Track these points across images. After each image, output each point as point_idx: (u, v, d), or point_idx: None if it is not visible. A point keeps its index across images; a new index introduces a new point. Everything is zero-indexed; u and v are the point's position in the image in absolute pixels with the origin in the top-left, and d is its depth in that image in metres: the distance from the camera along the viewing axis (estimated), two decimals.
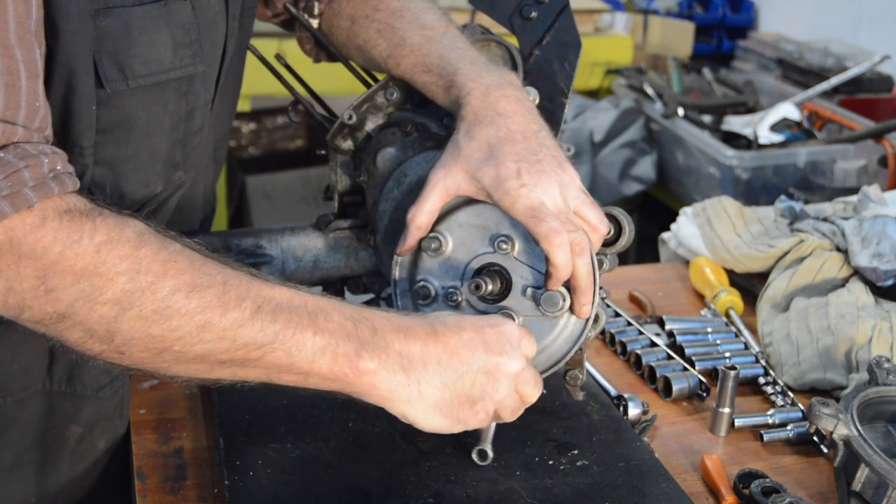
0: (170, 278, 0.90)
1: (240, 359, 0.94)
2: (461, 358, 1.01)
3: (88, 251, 0.87)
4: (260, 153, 4.22)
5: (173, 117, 1.09)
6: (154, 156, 1.09)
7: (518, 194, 1.05)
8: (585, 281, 1.08)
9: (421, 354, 0.99)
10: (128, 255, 0.89)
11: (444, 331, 1.02)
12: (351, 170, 1.28)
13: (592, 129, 3.51)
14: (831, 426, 1.19)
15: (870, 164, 3.05)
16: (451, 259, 1.15)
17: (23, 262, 0.87)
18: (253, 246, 1.29)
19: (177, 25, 1.04)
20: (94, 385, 1.20)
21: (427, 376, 0.99)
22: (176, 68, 1.06)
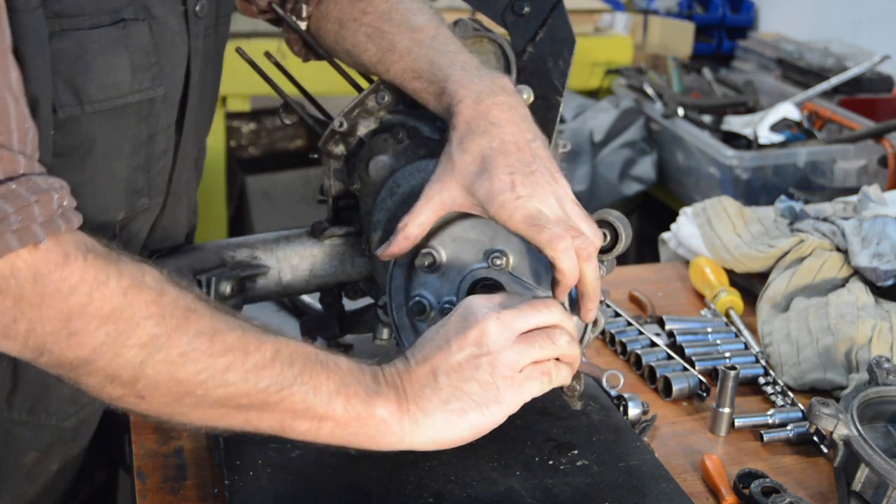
0: (193, 322, 0.90)
1: (259, 403, 0.94)
2: (435, 360, 1.01)
3: (116, 294, 0.86)
4: (260, 153, 4.22)
5: (133, 142, 1.07)
6: (113, 181, 1.07)
7: (515, 206, 1.04)
8: (593, 287, 1.07)
9: (408, 381, 1.00)
10: (153, 301, 0.88)
11: (414, 352, 1.03)
12: (344, 176, 1.28)
13: (592, 129, 3.51)
14: (831, 426, 1.20)
15: (870, 164, 3.05)
16: (445, 274, 1.15)
17: (46, 303, 0.84)
18: (249, 257, 1.28)
19: (135, 48, 1.02)
20: (60, 415, 1.18)
21: (417, 394, 1.00)
22: (135, 92, 1.03)
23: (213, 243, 1.29)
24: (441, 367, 1.00)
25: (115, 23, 0.99)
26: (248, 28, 3.26)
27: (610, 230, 1.14)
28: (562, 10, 1.20)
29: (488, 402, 1.01)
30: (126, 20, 1.00)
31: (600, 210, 1.15)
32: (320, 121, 1.31)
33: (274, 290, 1.31)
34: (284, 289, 1.31)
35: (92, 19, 0.97)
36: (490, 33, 1.24)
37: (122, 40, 0.99)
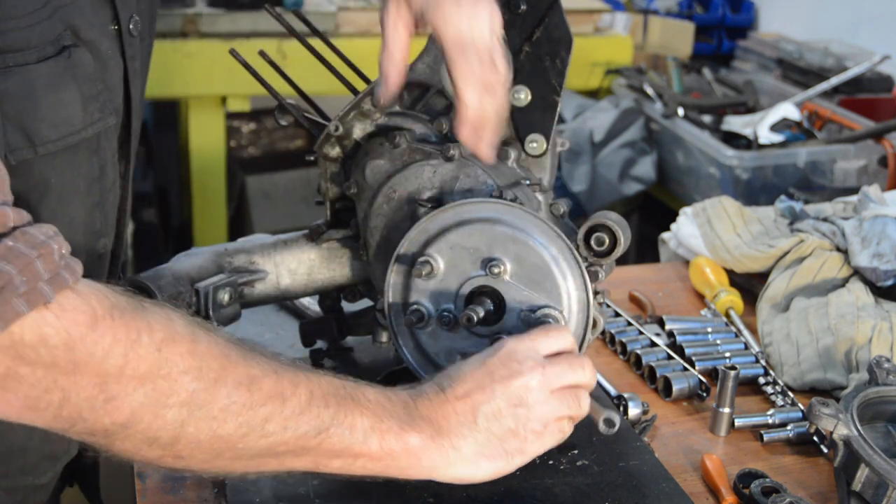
0: (230, 371, 0.84)
1: (298, 448, 0.91)
2: (475, 399, 0.99)
3: (150, 351, 0.80)
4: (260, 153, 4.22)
5: (87, 179, 1.00)
6: (71, 226, 1.00)
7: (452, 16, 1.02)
8: (491, 121, 1.07)
9: (444, 413, 0.98)
10: (188, 352, 0.82)
11: (451, 382, 1.00)
12: (341, 179, 1.28)
13: (592, 129, 3.51)
14: (831, 426, 1.19)
15: (870, 164, 3.05)
16: (443, 282, 1.15)
17: (80, 370, 0.77)
18: (246, 262, 1.28)
19: (83, 77, 0.95)
20: (37, 473, 1.13)
21: (455, 430, 0.98)
22: (87, 126, 0.97)
23: (210, 249, 1.29)
24: (482, 408, 0.99)
25: (59, 53, 0.92)
26: (247, 28, 3.27)
27: (608, 234, 1.14)
28: (558, 9, 1.20)
29: (514, 452, 1.01)
30: (69, 48, 0.93)
31: (598, 213, 1.15)
32: (316, 122, 1.30)
33: (272, 294, 1.31)
34: (283, 293, 1.31)
35: (38, 52, 0.90)
36: None
37: (69, 70, 0.93)
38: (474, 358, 1.03)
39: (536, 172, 1.25)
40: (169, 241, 4.06)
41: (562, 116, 3.63)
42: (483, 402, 0.99)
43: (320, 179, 1.29)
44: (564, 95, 1.25)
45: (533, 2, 1.20)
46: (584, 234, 1.14)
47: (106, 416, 0.80)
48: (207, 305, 1.20)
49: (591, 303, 1.12)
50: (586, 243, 1.14)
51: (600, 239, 1.14)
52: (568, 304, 1.13)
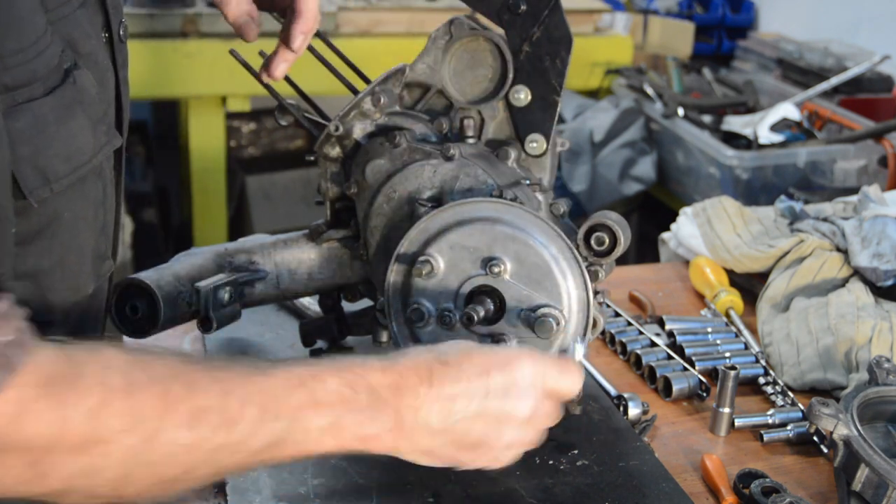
0: (171, 414, 0.80)
1: (251, 462, 0.89)
2: (456, 406, 0.94)
3: (82, 421, 0.75)
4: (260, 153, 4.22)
5: (94, 205, 0.96)
6: (82, 255, 0.96)
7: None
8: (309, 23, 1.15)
9: (413, 405, 0.93)
10: (124, 411, 0.77)
11: (443, 376, 0.94)
12: (341, 179, 1.28)
13: (592, 129, 3.51)
14: (831, 426, 1.20)
15: (870, 164, 3.05)
16: (443, 281, 1.15)
17: (8, 458, 0.74)
18: (246, 262, 1.28)
19: (89, 101, 0.91)
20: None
21: (417, 426, 0.94)
22: (97, 153, 0.93)
23: (211, 249, 1.29)
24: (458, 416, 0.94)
25: (64, 80, 0.88)
26: None
27: (608, 233, 1.14)
28: (558, 9, 1.20)
29: (465, 461, 0.98)
30: (70, 71, 0.89)
31: (598, 213, 1.16)
32: (316, 122, 1.30)
33: (272, 294, 1.31)
34: (283, 293, 1.31)
35: (44, 83, 0.86)
36: (487, 32, 1.24)
37: (76, 98, 0.89)
38: (480, 357, 0.97)
39: (536, 172, 1.26)
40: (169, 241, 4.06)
41: (562, 116, 3.63)
42: (462, 412, 0.95)
43: (320, 179, 1.29)
44: (564, 95, 1.25)
45: (533, 2, 1.20)
46: (584, 233, 1.15)
47: (39, 488, 0.77)
48: (207, 305, 1.20)
49: (591, 302, 1.12)
50: (586, 243, 1.14)
51: (600, 239, 1.14)
52: (568, 304, 1.13)
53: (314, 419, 0.88)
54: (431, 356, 0.96)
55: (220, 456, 0.84)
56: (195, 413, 0.81)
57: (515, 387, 0.96)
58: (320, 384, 0.89)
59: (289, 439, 0.87)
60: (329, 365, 0.92)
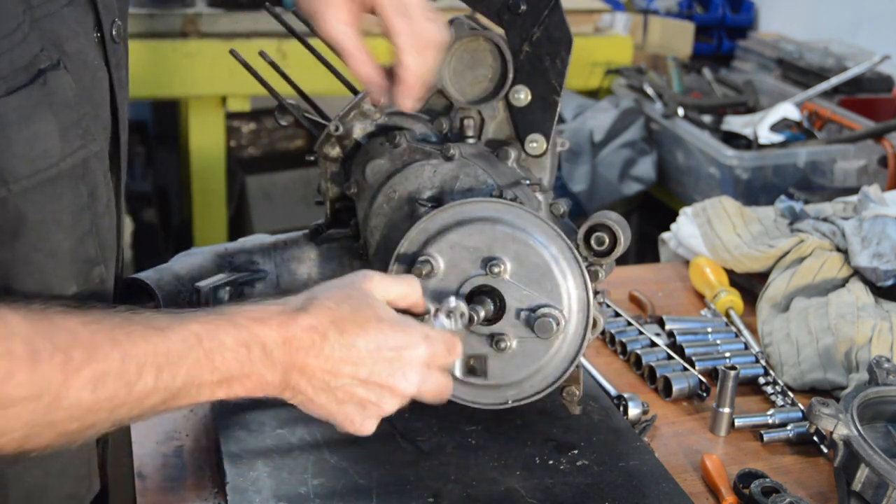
0: (72, 381, 0.84)
1: (150, 413, 0.93)
2: (341, 372, 0.98)
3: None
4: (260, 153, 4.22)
5: (73, 209, 0.96)
6: (55, 257, 0.96)
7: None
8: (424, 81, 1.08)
9: (301, 366, 0.97)
10: (26, 381, 0.81)
11: (334, 343, 0.97)
12: (341, 179, 1.28)
13: (592, 129, 3.51)
14: (831, 426, 1.19)
15: (870, 164, 3.05)
16: (443, 281, 1.15)
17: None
18: (246, 262, 1.28)
19: (61, 105, 0.90)
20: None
21: (301, 383, 0.98)
22: (66, 157, 0.92)
23: (211, 249, 1.29)
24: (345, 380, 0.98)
25: (33, 80, 0.87)
26: (247, 28, 3.27)
27: (608, 233, 1.14)
28: (558, 9, 1.20)
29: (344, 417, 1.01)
30: (44, 71, 0.88)
31: (598, 213, 1.16)
32: (316, 122, 1.30)
33: (272, 294, 1.31)
34: (283, 293, 1.31)
35: (7, 83, 0.85)
36: (487, 31, 1.24)
37: (44, 99, 0.88)
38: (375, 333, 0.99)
39: (536, 172, 1.26)
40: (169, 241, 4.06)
41: (562, 116, 3.62)
42: (345, 379, 0.98)
43: (320, 179, 1.29)
44: (564, 95, 1.25)
45: (533, 2, 1.20)
46: (584, 233, 1.15)
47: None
48: (208, 305, 1.20)
49: (591, 302, 1.12)
50: (586, 243, 1.14)
51: (600, 238, 1.14)
52: (568, 304, 1.13)
53: (207, 377, 0.93)
54: (329, 319, 0.97)
55: (120, 412, 0.89)
56: (96, 378, 0.85)
57: (402, 367, 1.00)
58: (216, 343, 0.93)
59: (184, 394, 0.92)
60: (226, 320, 0.94)
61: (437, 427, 1.25)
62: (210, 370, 0.93)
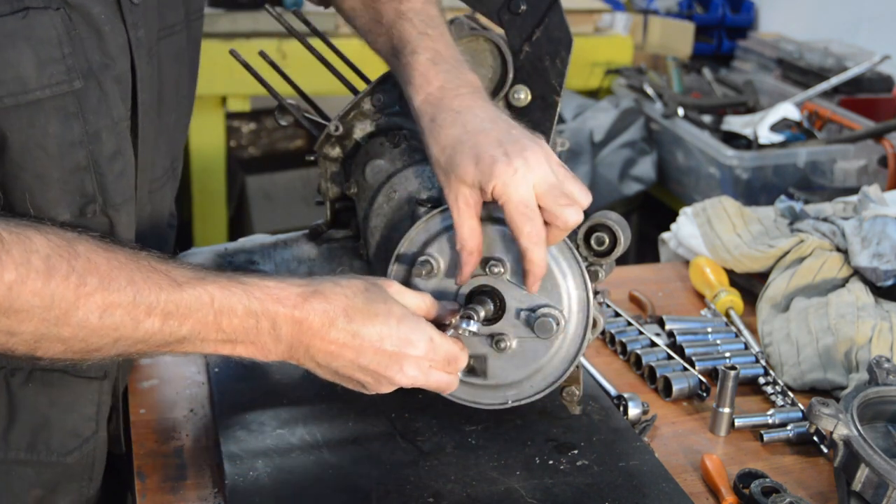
0: (82, 303, 0.92)
1: (151, 353, 1.02)
2: (342, 355, 1.04)
3: (2, 292, 0.89)
4: (260, 153, 4.22)
5: (61, 141, 1.01)
6: (42, 181, 1.02)
7: (512, 181, 1.05)
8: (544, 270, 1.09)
9: (306, 344, 1.03)
10: (40, 290, 0.90)
11: (341, 329, 1.03)
12: (341, 179, 1.28)
13: (592, 129, 3.51)
14: (831, 426, 1.19)
15: (870, 164, 3.05)
16: (443, 281, 1.15)
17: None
18: (246, 262, 1.29)
19: (41, 41, 0.96)
20: (61, 450, 1.17)
21: (304, 358, 1.04)
22: (44, 87, 0.97)
23: (211, 249, 1.29)
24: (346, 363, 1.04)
25: (14, 12, 0.93)
26: (247, 28, 3.27)
27: (608, 234, 1.14)
28: (558, 10, 1.20)
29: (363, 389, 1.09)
30: (30, 9, 0.94)
31: (598, 213, 1.15)
32: (316, 122, 1.30)
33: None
34: None
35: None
36: (487, 32, 1.24)
37: (21, 32, 0.94)
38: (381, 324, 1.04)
39: None
40: None
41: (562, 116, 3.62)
42: (344, 362, 1.04)
43: (320, 179, 1.29)
44: (564, 95, 1.25)
45: (533, 2, 1.20)
46: (584, 233, 1.15)
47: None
48: None
49: (591, 302, 1.12)
50: (586, 243, 1.14)
51: (600, 239, 1.14)
52: (568, 304, 1.13)
53: (213, 334, 1.00)
54: (342, 306, 1.03)
55: (124, 344, 0.97)
56: (105, 306, 0.93)
57: (399, 363, 1.05)
58: (227, 309, 1.00)
59: (188, 343, 1.00)
60: (243, 290, 1.01)
61: (437, 427, 1.25)
62: (216, 330, 1.00)
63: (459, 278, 1.12)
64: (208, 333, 0.99)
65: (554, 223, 1.06)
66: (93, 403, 1.18)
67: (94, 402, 1.18)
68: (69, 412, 1.16)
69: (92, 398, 1.18)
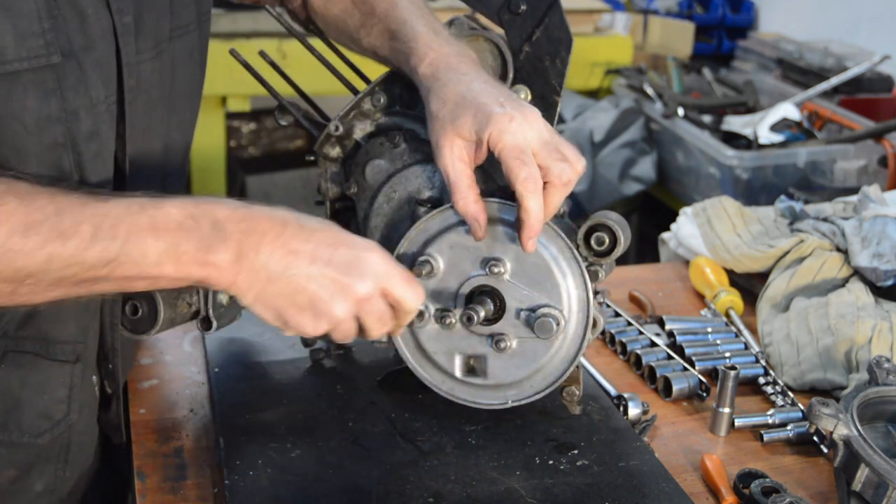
0: (3, 223, 0.91)
1: (91, 278, 0.96)
2: (296, 260, 1.00)
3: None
4: (260, 153, 4.22)
5: (38, 115, 1.01)
6: (20, 155, 1.02)
7: (508, 129, 1.05)
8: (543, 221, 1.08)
9: (255, 246, 0.98)
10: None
11: (294, 233, 1.00)
12: (341, 179, 1.28)
13: (592, 129, 3.51)
14: (831, 426, 1.19)
15: (870, 164, 3.05)
16: (443, 281, 1.15)
17: None
18: None
19: (20, 14, 0.96)
20: (33, 431, 1.16)
21: (256, 266, 0.99)
22: (22, 59, 0.97)
23: None
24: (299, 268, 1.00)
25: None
26: (248, 28, 3.27)
27: (608, 233, 1.14)
28: (558, 10, 1.20)
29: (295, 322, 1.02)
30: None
31: (598, 212, 1.15)
32: (316, 122, 1.30)
33: None
34: None
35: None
36: (487, 32, 1.24)
37: (1, 3, 0.95)
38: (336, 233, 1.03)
39: None
40: None
41: (562, 116, 3.62)
42: (300, 269, 0.99)
43: (320, 179, 1.29)
44: (564, 95, 1.25)
45: (533, 2, 1.20)
46: (584, 233, 1.15)
47: None
48: (207, 305, 1.20)
49: (591, 302, 1.12)
50: (586, 243, 1.14)
51: (600, 238, 1.14)
52: (568, 304, 1.13)
53: (151, 242, 0.95)
54: (292, 215, 1.01)
55: (56, 266, 0.93)
56: (28, 224, 0.91)
57: (357, 267, 1.01)
58: (161, 212, 0.96)
59: (125, 259, 0.95)
60: (174, 198, 0.98)
61: (437, 427, 1.25)
62: (153, 235, 0.95)
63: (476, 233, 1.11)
64: (146, 240, 0.95)
65: (549, 178, 1.06)
66: (64, 386, 1.17)
67: (66, 385, 1.17)
68: (40, 394, 1.16)
69: (63, 381, 1.17)
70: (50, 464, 1.20)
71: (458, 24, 1.25)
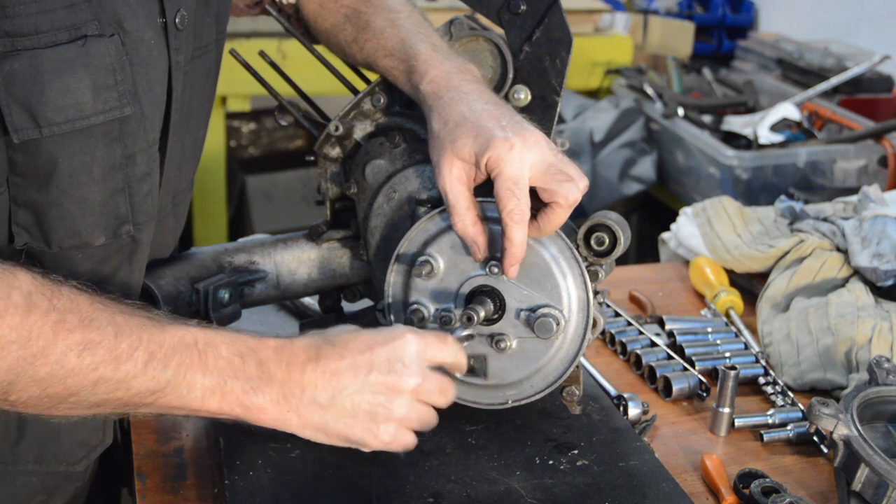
0: (61, 340, 0.90)
1: (134, 404, 0.96)
2: (341, 381, 1.00)
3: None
4: (260, 153, 4.22)
5: (104, 165, 1.02)
6: (83, 206, 1.02)
7: (506, 157, 1.05)
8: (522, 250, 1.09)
9: (299, 381, 1.00)
10: (17, 325, 0.88)
11: (329, 354, 1.01)
12: (341, 179, 1.28)
13: (592, 129, 3.51)
14: (831, 426, 1.20)
15: (870, 164, 3.05)
16: (443, 281, 1.15)
17: None
18: (246, 262, 1.29)
19: (98, 67, 0.97)
20: (70, 459, 1.17)
21: (304, 402, 1.00)
22: (98, 113, 0.98)
23: (211, 249, 1.29)
24: (345, 391, 1.00)
25: (73, 40, 0.94)
26: (248, 28, 3.27)
27: (608, 233, 1.14)
28: (558, 10, 1.20)
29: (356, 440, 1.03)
30: (88, 37, 0.95)
31: (598, 213, 1.15)
32: (316, 122, 1.30)
33: (272, 294, 1.31)
34: (283, 293, 1.31)
35: (47, 37, 0.93)
36: (487, 32, 1.24)
37: (80, 59, 0.95)
38: (368, 336, 1.03)
39: None
40: None
41: (562, 116, 3.62)
42: (348, 387, 1.00)
43: (320, 179, 1.29)
44: (564, 95, 1.25)
45: (533, 2, 1.20)
46: (584, 233, 1.15)
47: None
48: (207, 305, 1.20)
49: (591, 302, 1.12)
50: (586, 243, 1.14)
51: (600, 238, 1.14)
52: (568, 304, 1.13)
53: (199, 377, 0.96)
54: (321, 338, 1.03)
55: (103, 388, 0.93)
56: (85, 344, 0.91)
57: (399, 360, 1.02)
58: (212, 348, 0.97)
59: (171, 391, 0.96)
60: (225, 333, 0.99)
61: (437, 427, 1.25)
62: (202, 371, 0.97)
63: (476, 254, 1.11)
64: (194, 375, 0.96)
65: (555, 200, 1.07)
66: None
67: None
68: (80, 426, 1.17)
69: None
70: (73, 483, 1.21)
71: (458, 25, 1.25)
